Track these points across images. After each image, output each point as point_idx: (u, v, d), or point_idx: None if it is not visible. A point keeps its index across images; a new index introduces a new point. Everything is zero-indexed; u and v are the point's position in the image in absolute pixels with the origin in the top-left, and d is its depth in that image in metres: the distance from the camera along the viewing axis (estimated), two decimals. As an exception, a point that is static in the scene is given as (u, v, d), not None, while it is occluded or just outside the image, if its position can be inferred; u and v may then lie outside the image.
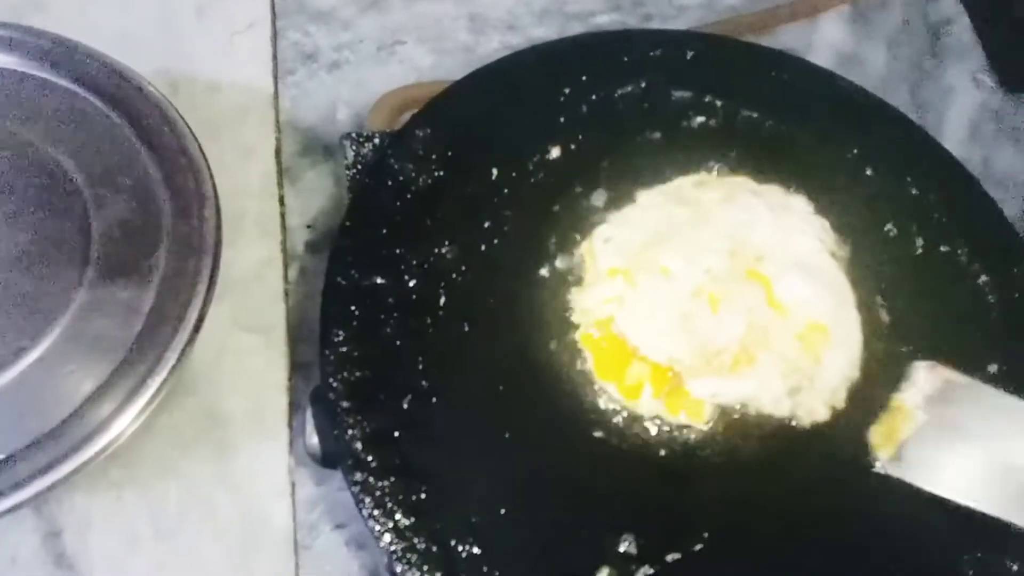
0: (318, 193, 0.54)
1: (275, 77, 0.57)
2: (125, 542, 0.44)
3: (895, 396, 0.45)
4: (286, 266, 0.51)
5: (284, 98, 0.56)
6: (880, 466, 0.43)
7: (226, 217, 0.45)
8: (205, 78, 0.55)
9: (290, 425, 0.48)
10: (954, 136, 0.58)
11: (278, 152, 0.55)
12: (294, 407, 0.48)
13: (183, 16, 0.57)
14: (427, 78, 0.55)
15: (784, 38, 0.59)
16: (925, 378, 0.45)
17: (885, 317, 0.47)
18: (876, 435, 0.44)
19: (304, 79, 0.57)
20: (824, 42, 0.60)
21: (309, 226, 0.53)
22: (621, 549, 0.40)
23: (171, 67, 0.55)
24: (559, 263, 0.47)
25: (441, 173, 0.47)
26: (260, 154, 0.55)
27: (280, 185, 0.53)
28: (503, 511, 0.41)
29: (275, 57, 0.57)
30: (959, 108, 0.59)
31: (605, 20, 0.60)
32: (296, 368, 0.49)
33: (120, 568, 0.44)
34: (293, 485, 0.46)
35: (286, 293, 0.51)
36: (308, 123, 0.56)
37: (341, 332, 0.42)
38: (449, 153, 0.47)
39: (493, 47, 0.58)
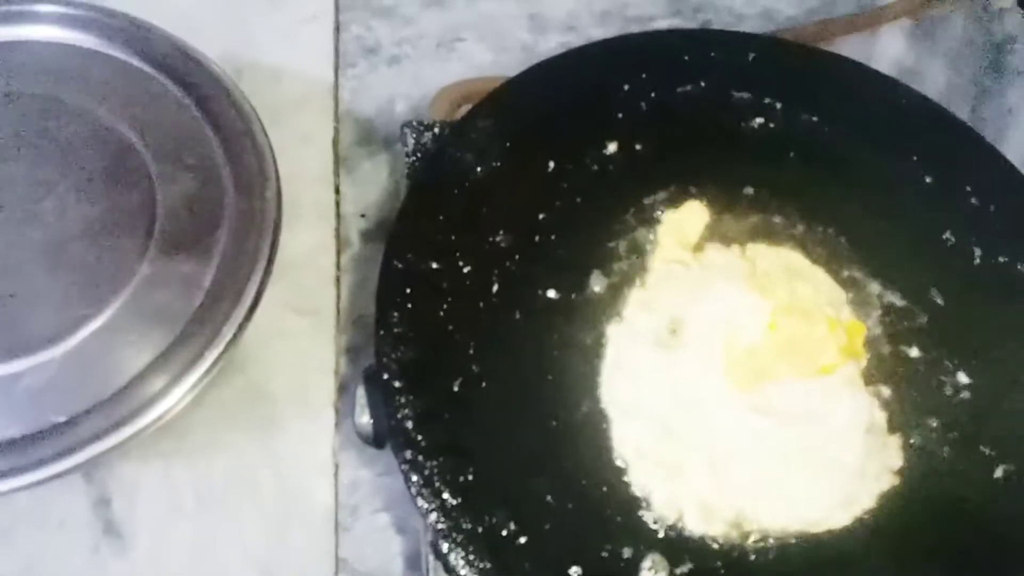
0: (373, 184, 0.55)
1: (336, 68, 0.58)
2: (170, 512, 0.45)
3: None
4: (339, 252, 0.52)
5: (344, 89, 0.57)
6: None
7: (285, 201, 0.46)
8: (269, 65, 0.57)
9: (336, 407, 0.49)
10: (1014, 156, 0.56)
11: (336, 141, 0.56)
12: (341, 390, 0.49)
13: (251, 4, 0.58)
14: (486, 75, 0.56)
15: (843, 51, 0.58)
16: None
17: (937, 324, 0.46)
18: None
19: (364, 72, 0.58)
20: (884, 55, 0.60)
21: (363, 215, 0.54)
22: (661, 535, 0.40)
23: (237, 53, 0.56)
24: (614, 258, 0.47)
25: (499, 164, 0.47)
26: (318, 142, 0.56)
27: (336, 173, 0.54)
28: (549, 498, 0.41)
29: (337, 49, 0.58)
30: (1020, 128, 0.59)
31: (665, 24, 0.60)
32: (343, 351, 0.50)
33: (164, 537, 0.45)
34: (337, 466, 0.47)
35: (337, 279, 0.51)
36: (366, 115, 0.57)
37: (396, 313, 0.42)
38: (507, 144, 0.48)
39: (552, 47, 0.59)
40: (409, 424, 0.40)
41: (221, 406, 0.47)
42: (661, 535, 0.41)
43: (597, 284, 0.46)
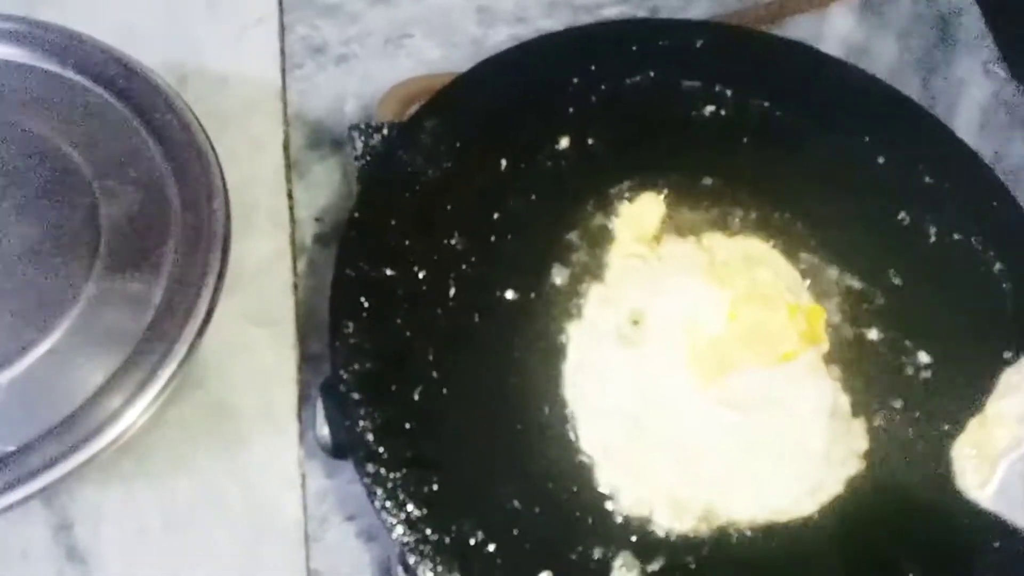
0: (326, 186, 0.54)
1: (283, 71, 0.56)
2: (136, 534, 0.44)
3: (991, 404, 0.42)
4: (295, 259, 0.51)
5: (292, 91, 0.56)
6: (965, 492, 0.41)
7: (235, 211, 0.45)
8: (214, 71, 0.55)
9: (300, 418, 0.48)
10: (965, 128, 0.57)
11: (286, 145, 0.54)
12: (304, 399, 0.48)
13: (192, 10, 0.57)
14: (436, 71, 0.55)
15: (793, 30, 0.59)
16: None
17: (896, 305, 0.47)
18: (962, 454, 0.42)
19: (312, 72, 0.57)
20: (834, 33, 0.60)
21: (318, 219, 0.53)
22: (631, 534, 0.40)
23: (180, 60, 0.54)
24: (572, 255, 0.47)
25: (450, 164, 0.47)
26: (269, 148, 0.54)
27: (288, 178, 0.53)
28: (516, 503, 0.40)
29: (283, 51, 0.57)
30: (970, 100, 0.59)
31: (613, 12, 0.60)
32: (305, 360, 0.49)
33: (131, 560, 0.44)
34: (304, 477, 0.46)
35: (295, 286, 0.50)
36: (316, 116, 0.56)
37: (351, 323, 0.41)
38: (458, 144, 0.47)
39: (501, 39, 0.58)
40: (370, 436, 0.40)
41: (182, 424, 0.46)
42: (631, 533, 0.41)
43: (556, 280, 0.45)
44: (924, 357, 0.46)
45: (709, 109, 0.50)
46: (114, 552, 0.44)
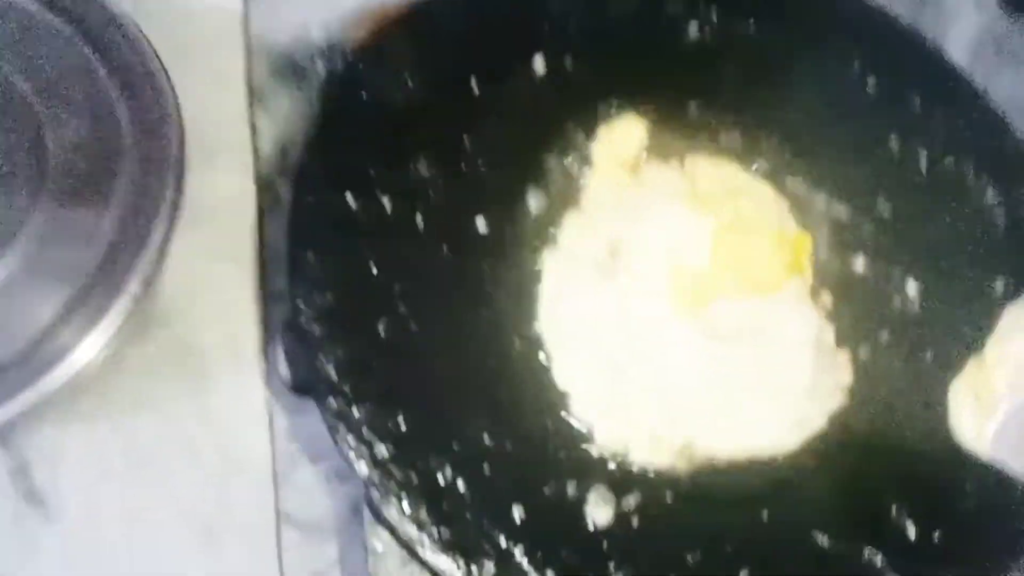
0: (291, 117, 0.51)
1: (245, -3, 0.54)
2: (97, 476, 0.43)
3: (991, 345, 0.41)
4: (259, 194, 0.49)
5: (254, 18, 0.53)
6: (960, 436, 0.41)
7: (197, 145, 0.43)
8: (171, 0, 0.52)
9: (266, 356, 0.46)
10: (956, 53, 0.55)
11: (249, 76, 0.52)
12: (269, 337, 0.46)
13: (145, -70, 0.54)
14: (405, -8, 0.52)
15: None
16: None
17: (887, 235, 0.45)
18: (959, 395, 0.41)
19: (275, -2, 0.54)
20: (825, -45, 0.57)
21: (282, 152, 0.51)
22: (606, 468, 0.39)
23: (133, -15, 0.52)
24: (547, 181, 0.45)
25: (418, 86, 0.44)
26: (230, 79, 0.52)
27: (252, 109, 0.51)
28: (487, 439, 0.39)
29: (244, -26, 0.54)
30: (960, 31, 0.56)
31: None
32: (271, 297, 0.47)
33: (92, 503, 0.43)
34: (271, 417, 0.45)
35: (259, 222, 0.48)
36: (280, 45, 0.53)
37: (311, 255, 0.40)
38: (426, 66, 0.45)
39: (475, -42, 0.55)
40: (332, 372, 0.38)
41: (145, 362, 0.45)
42: (606, 468, 0.40)
43: (530, 209, 0.44)
44: (913, 288, 0.45)
45: (694, 29, 0.48)
46: (74, 494, 0.43)
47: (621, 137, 0.45)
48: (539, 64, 0.46)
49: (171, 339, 0.46)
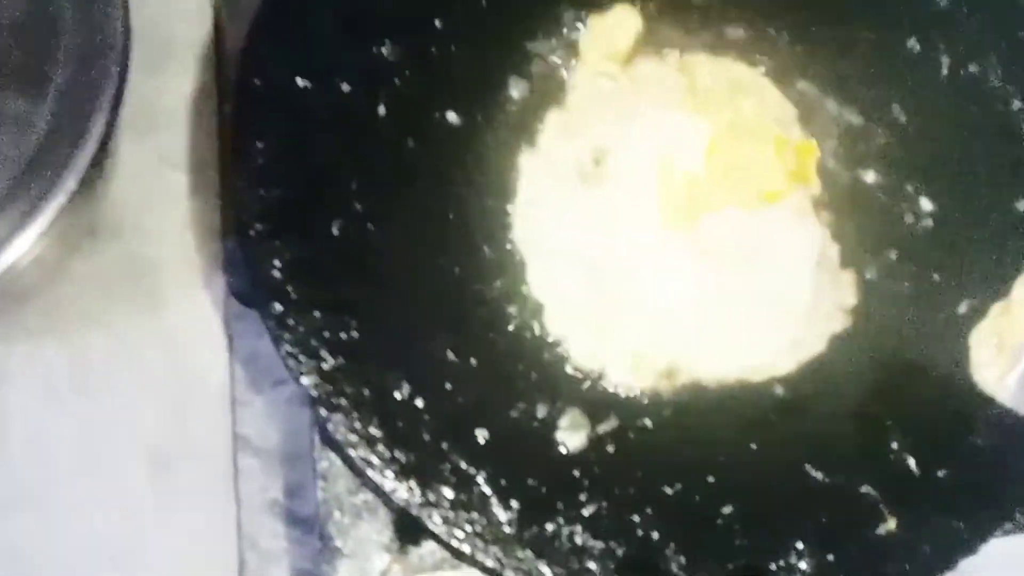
0: (258, 12, 0.48)
1: None
2: (45, 396, 0.42)
3: (1020, 288, 0.39)
4: (221, 97, 0.46)
5: None
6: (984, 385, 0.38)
7: (153, 42, 0.41)
8: None
9: (225, 272, 0.44)
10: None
11: (213, -35, 0.48)
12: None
13: None
14: None
15: None
16: None
17: (898, 144, 0.42)
18: (982, 343, 0.39)
19: None
20: None
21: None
22: (581, 389, 0.37)
23: None
24: (528, 72, 0.41)
25: (385, -45, 0.40)
26: (191, -31, 0.48)
27: (215, 6, 0.47)
28: (449, 354, 0.37)
29: None
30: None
31: None
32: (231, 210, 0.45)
33: (38, 424, 0.41)
34: (231, 338, 0.43)
35: (220, 128, 0.45)
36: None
37: (257, 143, 0.36)
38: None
39: None
40: (276, 274, 0.35)
41: (95, 278, 0.43)
42: (581, 389, 0.38)
43: (508, 102, 0.40)
44: (926, 204, 0.42)
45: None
46: (21, 413, 0.41)
47: (614, 26, 0.42)
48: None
49: (124, 252, 0.44)
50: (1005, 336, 0.40)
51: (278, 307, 0.35)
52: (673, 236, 0.40)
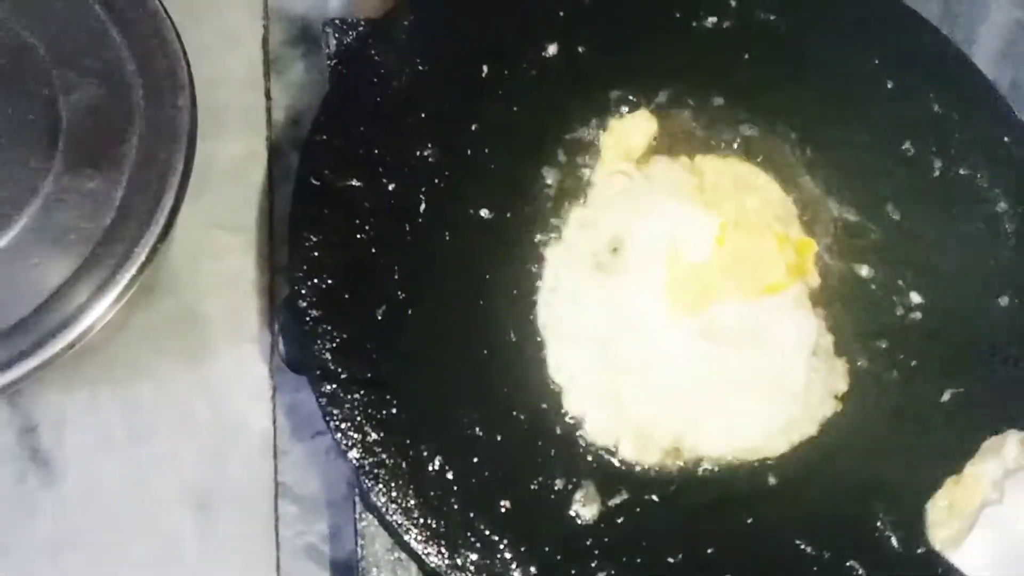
0: (306, 87, 0.51)
1: (264, -41, 0.53)
2: (100, 441, 0.44)
3: (969, 466, 0.41)
4: (270, 163, 0.49)
5: (271, -16, 0.53)
6: (937, 546, 0.40)
7: (208, 109, 0.43)
8: (186, -41, 0.52)
9: (271, 328, 0.46)
10: (984, 54, 0.54)
11: (265, 41, 0.51)
12: (276, 310, 0.46)
13: None
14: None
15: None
16: (1014, 450, 0.41)
17: (891, 241, 0.45)
18: (937, 509, 0.41)
19: (295, -38, 0.53)
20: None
21: (295, 121, 0.50)
22: (595, 465, 0.39)
23: (148, -55, 0.51)
24: (553, 171, 0.44)
25: (426, 67, 0.44)
26: (246, 43, 0.51)
27: (267, 76, 0.50)
28: (477, 430, 0.39)
29: (264, -63, 0.53)
30: (992, 25, 0.55)
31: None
32: (278, 270, 0.47)
33: (94, 467, 0.44)
34: (274, 390, 0.45)
35: (269, 191, 0.48)
36: (298, 10, 0.53)
37: (312, 236, 0.39)
38: (435, 45, 0.44)
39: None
40: (327, 355, 0.38)
41: (148, 331, 0.45)
42: (594, 465, 0.40)
43: (535, 199, 0.43)
44: (916, 297, 0.44)
45: (711, 19, 0.47)
46: (77, 458, 0.44)
47: (631, 129, 0.45)
48: (552, 50, 0.45)
49: (175, 307, 0.46)
50: (957, 506, 0.41)
51: (328, 387, 0.38)
52: (680, 321, 0.42)
